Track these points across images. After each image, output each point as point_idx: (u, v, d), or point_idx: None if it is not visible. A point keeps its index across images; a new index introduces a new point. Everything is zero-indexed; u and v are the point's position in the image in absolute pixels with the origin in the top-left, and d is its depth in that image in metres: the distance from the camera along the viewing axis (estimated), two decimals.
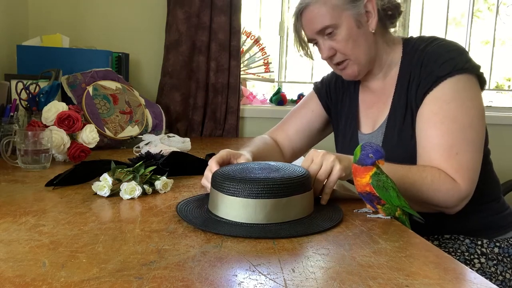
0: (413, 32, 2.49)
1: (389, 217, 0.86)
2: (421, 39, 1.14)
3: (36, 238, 0.70)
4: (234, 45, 2.14)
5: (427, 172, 0.98)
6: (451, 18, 2.53)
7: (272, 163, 0.91)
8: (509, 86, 2.77)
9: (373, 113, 1.20)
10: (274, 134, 1.37)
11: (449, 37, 2.53)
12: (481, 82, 1.07)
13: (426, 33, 2.55)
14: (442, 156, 0.99)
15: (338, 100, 1.31)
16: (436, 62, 1.04)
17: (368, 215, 0.87)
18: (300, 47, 1.20)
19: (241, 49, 2.23)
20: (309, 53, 1.22)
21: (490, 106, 2.58)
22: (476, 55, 2.59)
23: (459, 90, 1.02)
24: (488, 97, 2.67)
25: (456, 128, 1.00)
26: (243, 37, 2.30)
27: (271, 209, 0.79)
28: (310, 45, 1.20)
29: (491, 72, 2.56)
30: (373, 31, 1.11)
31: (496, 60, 2.56)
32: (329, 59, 1.15)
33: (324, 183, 0.92)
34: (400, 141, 1.10)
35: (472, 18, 2.50)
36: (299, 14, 1.13)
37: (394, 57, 1.16)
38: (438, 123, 1.01)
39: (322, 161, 0.91)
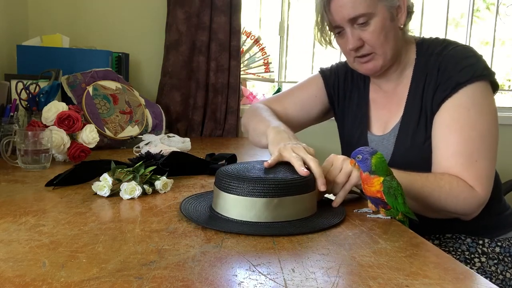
0: (414, 32, 2.48)
1: (389, 217, 0.86)
2: (435, 42, 1.12)
3: (36, 238, 0.70)
4: (234, 45, 2.14)
5: (445, 180, 0.97)
6: (450, 19, 2.53)
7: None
8: (509, 86, 2.77)
9: (384, 115, 1.18)
10: (272, 105, 1.31)
11: (449, 38, 2.53)
12: (494, 87, 1.07)
13: (426, 33, 2.55)
14: (462, 164, 0.99)
15: (346, 96, 1.27)
16: (455, 68, 1.03)
17: (368, 215, 0.88)
18: (321, 34, 1.14)
19: (241, 49, 2.23)
20: (328, 40, 1.14)
21: None
22: None
23: (477, 97, 1.02)
24: None
25: (475, 135, 1.00)
26: (243, 37, 2.30)
27: (273, 208, 0.79)
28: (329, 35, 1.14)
29: None
30: (402, 26, 1.09)
31: (496, 60, 2.56)
32: (355, 50, 1.09)
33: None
34: (414, 145, 1.08)
35: (472, 18, 2.50)
36: None
37: (409, 58, 1.14)
38: (458, 130, 1.01)
39: (343, 165, 0.91)
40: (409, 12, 1.12)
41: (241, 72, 2.26)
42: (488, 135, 1.01)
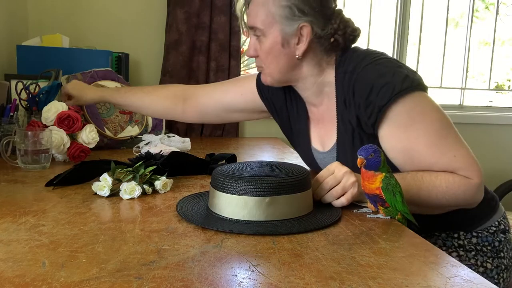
0: (414, 32, 2.49)
1: (388, 217, 0.86)
2: (352, 57, 1.05)
3: (36, 238, 0.70)
4: (234, 45, 2.14)
5: (440, 179, 0.96)
6: (450, 18, 2.54)
7: (272, 162, 0.91)
8: (509, 86, 2.77)
9: (321, 131, 1.14)
10: (195, 93, 1.34)
11: (448, 38, 2.54)
12: (423, 87, 1.00)
13: (426, 33, 2.55)
14: (446, 168, 0.98)
15: (290, 109, 1.22)
16: (372, 91, 0.96)
17: (368, 215, 0.88)
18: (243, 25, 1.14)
19: (241, 49, 2.23)
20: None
21: (490, 106, 2.58)
22: (476, 55, 2.60)
23: (411, 110, 0.97)
24: (488, 97, 2.67)
25: (435, 139, 0.97)
26: (243, 37, 2.30)
27: (265, 207, 0.80)
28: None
29: (491, 72, 2.57)
30: (298, 57, 1.04)
31: (496, 60, 2.56)
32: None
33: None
34: (355, 164, 0.97)
35: (472, 18, 2.50)
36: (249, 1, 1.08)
37: (326, 77, 1.08)
38: (419, 145, 0.97)
39: (342, 178, 0.89)
40: (336, 40, 1.04)
41: (241, 72, 2.26)
42: (446, 128, 0.98)
